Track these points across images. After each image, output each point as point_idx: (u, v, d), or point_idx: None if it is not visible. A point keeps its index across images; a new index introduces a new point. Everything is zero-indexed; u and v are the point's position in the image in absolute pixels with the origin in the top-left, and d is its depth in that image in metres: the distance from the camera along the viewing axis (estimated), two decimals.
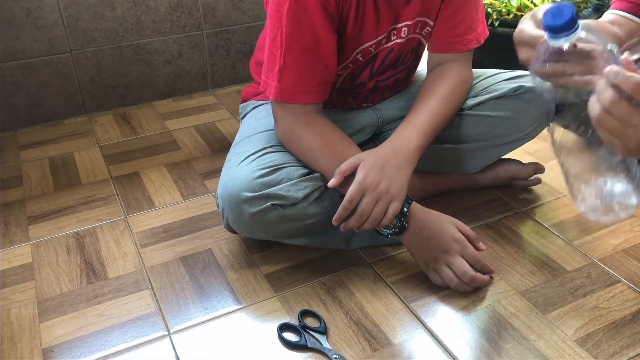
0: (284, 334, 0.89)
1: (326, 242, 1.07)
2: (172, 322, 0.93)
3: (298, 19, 0.92)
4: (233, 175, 0.97)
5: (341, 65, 1.04)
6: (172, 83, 1.80)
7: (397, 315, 0.93)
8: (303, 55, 0.94)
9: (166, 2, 1.69)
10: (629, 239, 1.09)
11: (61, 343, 0.90)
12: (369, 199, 0.91)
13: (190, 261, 1.07)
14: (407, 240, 0.97)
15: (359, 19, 0.98)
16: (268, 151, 1.01)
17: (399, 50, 1.06)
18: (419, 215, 0.95)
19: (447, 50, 1.07)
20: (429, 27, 1.05)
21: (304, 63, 0.95)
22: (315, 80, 0.97)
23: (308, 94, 0.97)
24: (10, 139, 1.57)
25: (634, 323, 0.90)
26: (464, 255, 0.95)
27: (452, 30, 1.05)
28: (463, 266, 0.94)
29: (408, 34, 1.04)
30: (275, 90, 0.97)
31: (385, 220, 0.92)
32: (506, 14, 1.53)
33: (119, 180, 1.36)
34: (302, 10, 0.91)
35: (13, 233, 1.17)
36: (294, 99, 0.97)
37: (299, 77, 0.96)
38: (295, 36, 0.93)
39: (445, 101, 1.04)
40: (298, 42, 0.93)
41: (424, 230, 0.95)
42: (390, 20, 1.00)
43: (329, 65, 0.97)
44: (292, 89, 0.96)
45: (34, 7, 1.53)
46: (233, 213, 0.96)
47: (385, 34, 1.02)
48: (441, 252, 0.95)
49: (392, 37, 1.03)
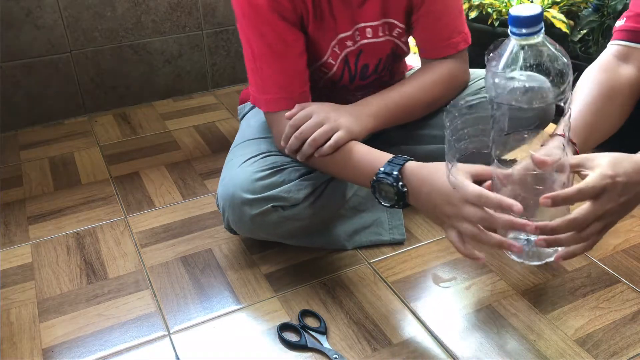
0: (284, 334, 0.89)
1: (327, 242, 1.07)
2: (172, 322, 0.93)
3: (261, 32, 0.95)
4: (234, 176, 0.97)
5: (314, 67, 1.05)
6: (172, 83, 1.80)
7: (397, 315, 0.93)
8: (276, 64, 0.97)
9: (166, 2, 1.69)
10: (629, 239, 1.09)
11: (61, 343, 0.90)
12: (314, 120, 0.91)
13: (190, 261, 1.07)
14: (414, 203, 0.85)
15: (317, 20, 0.99)
16: (269, 154, 1.01)
17: (372, 53, 1.05)
18: (416, 171, 0.84)
19: (437, 55, 1.07)
20: (398, 29, 1.05)
21: (280, 71, 0.97)
22: (295, 84, 0.98)
23: (292, 100, 0.98)
24: (10, 139, 1.57)
25: (634, 323, 0.90)
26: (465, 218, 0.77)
27: (438, 35, 1.05)
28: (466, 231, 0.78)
29: (375, 35, 1.03)
30: (265, 103, 0.99)
31: (326, 148, 0.90)
32: (506, 14, 1.53)
33: (119, 180, 1.36)
34: (262, 23, 0.94)
35: (13, 233, 1.17)
36: (281, 106, 0.98)
37: (279, 85, 0.98)
38: (263, 49, 0.96)
39: (422, 87, 1.04)
40: (268, 54, 0.96)
41: (424, 186, 0.82)
42: (347, 20, 1.00)
43: (304, 69, 0.99)
44: (277, 97, 0.98)
45: (34, 7, 1.53)
46: (234, 214, 0.96)
47: (347, 34, 1.02)
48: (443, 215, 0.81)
49: (357, 37, 1.03)
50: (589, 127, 0.89)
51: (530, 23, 0.68)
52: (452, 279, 1.00)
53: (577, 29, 1.56)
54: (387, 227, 1.10)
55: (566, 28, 1.47)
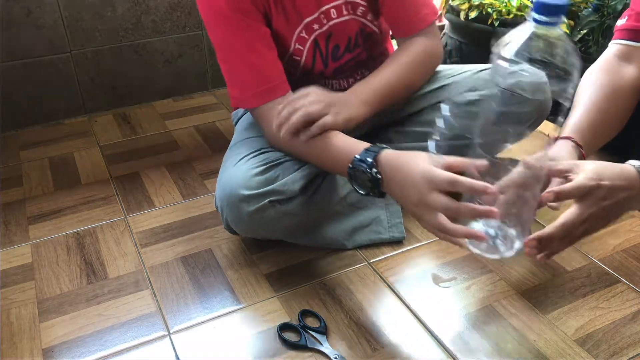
0: (284, 334, 0.89)
1: (326, 240, 1.07)
2: (172, 322, 0.93)
3: (226, 32, 0.98)
4: (230, 175, 0.98)
5: (285, 58, 1.06)
6: (172, 83, 1.80)
7: (397, 315, 0.93)
8: (249, 60, 0.99)
9: (166, 2, 1.69)
10: (629, 239, 1.09)
11: (61, 343, 0.90)
12: (310, 99, 0.93)
13: (190, 261, 1.07)
14: (389, 191, 0.86)
15: (280, 10, 1.00)
16: (263, 151, 1.02)
17: (340, 33, 1.07)
18: (390, 159, 0.85)
19: (409, 32, 1.08)
20: (362, 7, 1.06)
21: (254, 65, 0.99)
22: (272, 75, 1.00)
23: (272, 91, 0.99)
24: (10, 139, 1.57)
25: (634, 323, 0.90)
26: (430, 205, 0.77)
27: (406, 12, 1.07)
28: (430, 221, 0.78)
29: (340, 15, 1.05)
30: (247, 100, 1.01)
31: (314, 128, 0.92)
32: (506, 14, 1.53)
33: (119, 180, 1.36)
34: (226, 23, 0.97)
35: (13, 233, 1.17)
36: (264, 99, 1.00)
37: (257, 80, 0.99)
38: (232, 46, 0.99)
39: (403, 67, 1.06)
40: (237, 50, 0.98)
41: (398, 174, 0.83)
42: (312, 3, 1.02)
43: (276, 59, 1.01)
44: (256, 92, 0.99)
45: (34, 7, 1.53)
46: (232, 213, 0.97)
47: (313, 17, 1.03)
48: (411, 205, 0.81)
49: (323, 20, 1.04)
50: (594, 129, 0.90)
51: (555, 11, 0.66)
52: (452, 279, 1.00)
53: (577, 29, 1.56)
54: (387, 226, 1.10)
55: (566, 28, 1.47)
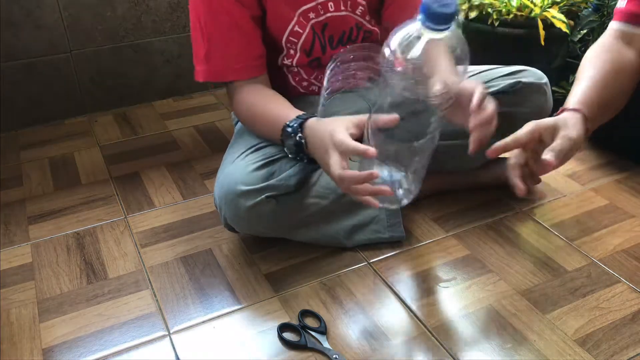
0: (284, 334, 0.89)
1: (326, 237, 1.07)
2: (172, 322, 0.93)
3: (211, 3, 0.99)
4: (228, 172, 0.99)
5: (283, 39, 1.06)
6: (172, 83, 1.80)
7: (397, 315, 0.93)
8: (225, 35, 1.00)
9: (166, 2, 1.69)
10: (629, 239, 1.09)
11: (61, 343, 0.90)
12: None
13: (190, 261, 1.07)
14: (313, 155, 0.93)
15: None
16: (260, 147, 1.03)
17: (335, 25, 1.07)
18: (313, 125, 0.91)
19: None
20: (361, 6, 1.06)
21: (227, 42, 1.00)
22: (243, 56, 1.01)
23: (239, 71, 1.01)
24: (10, 139, 1.57)
25: (634, 323, 0.90)
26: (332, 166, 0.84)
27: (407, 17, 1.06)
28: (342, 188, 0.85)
29: (337, 9, 1.05)
30: (204, 74, 1.03)
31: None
32: (506, 14, 1.53)
33: (119, 180, 1.36)
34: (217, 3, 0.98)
35: (13, 233, 1.17)
36: (226, 77, 1.02)
37: (226, 56, 1.01)
38: (212, 20, 0.99)
39: None
40: (216, 24, 1.00)
41: (316, 138, 0.90)
42: None
43: (252, 41, 1.02)
44: (222, 68, 1.01)
45: (34, 7, 1.53)
46: (230, 209, 0.97)
47: (310, 6, 1.03)
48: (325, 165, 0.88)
49: (321, 11, 1.05)
50: (601, 104, 0.89)
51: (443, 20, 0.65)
52: (452, 279, 1.00)
53: (577, 29, 1.56)
54: (386, 224, 1.10)
55: (566, 28, 1.47)
